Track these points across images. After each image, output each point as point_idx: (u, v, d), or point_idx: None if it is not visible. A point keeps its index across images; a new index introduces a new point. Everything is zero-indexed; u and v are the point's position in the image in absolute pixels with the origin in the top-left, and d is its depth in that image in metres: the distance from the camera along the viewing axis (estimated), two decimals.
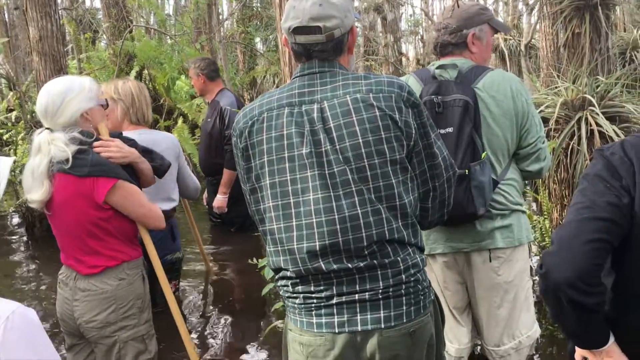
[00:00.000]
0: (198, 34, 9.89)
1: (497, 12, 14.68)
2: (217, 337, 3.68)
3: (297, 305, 1.69)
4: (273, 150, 1.67)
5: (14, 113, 7.29)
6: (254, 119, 1.71)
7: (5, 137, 8.57)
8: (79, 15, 9.96)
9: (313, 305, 1.66)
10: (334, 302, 1.64)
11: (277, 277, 1.75)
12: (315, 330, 1.65)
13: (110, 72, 7.82)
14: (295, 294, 1.69)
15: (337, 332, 1.63)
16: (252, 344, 3.52)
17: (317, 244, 1.60)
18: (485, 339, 2.48)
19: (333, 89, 1.68)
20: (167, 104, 8.32)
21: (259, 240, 4.90)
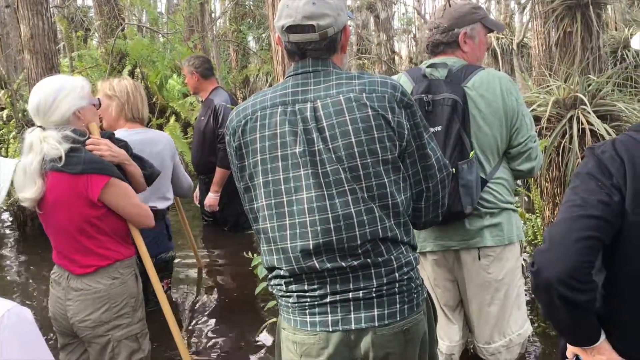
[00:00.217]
0: (190, 32, 9.85)
1: (489, 10, 14.72)
2: (209, 336, 3.67)
3: (290, 304, 1.70)
4: (266, 149, 1.67)
5: (6, 111, 7.25)
6: (248, 118, 1.71)
7: None
8: (71, 13, 9.92)
9: (307, 304, 1.66)
10: (328, 300, 1.64)
11: (270, 276, 1.75)
12: (309, 329, 1.66)
13: (102, 70, 7.79)
14: (289, 293, 1.69)
15: (330, 330, 1.64)
16: (245, 343, 3.52)
17: (310, 243, 1.61)
18: (476, 337, 2.49)
19: (326, 88, 1.68)
20: (159, 102, 8.30)
21: (253, 239, 4.90)
